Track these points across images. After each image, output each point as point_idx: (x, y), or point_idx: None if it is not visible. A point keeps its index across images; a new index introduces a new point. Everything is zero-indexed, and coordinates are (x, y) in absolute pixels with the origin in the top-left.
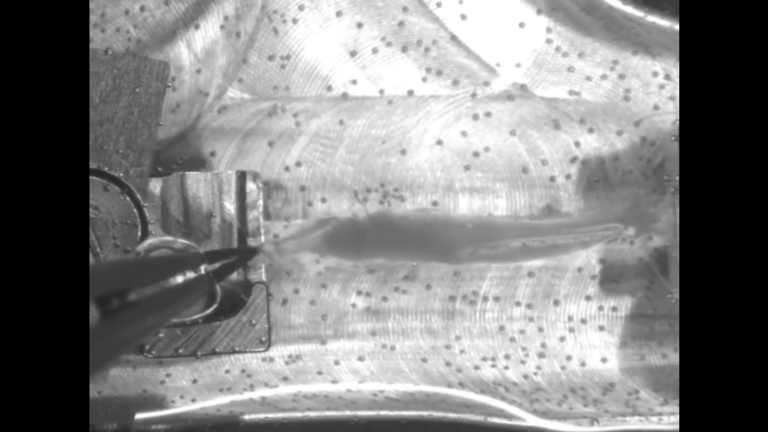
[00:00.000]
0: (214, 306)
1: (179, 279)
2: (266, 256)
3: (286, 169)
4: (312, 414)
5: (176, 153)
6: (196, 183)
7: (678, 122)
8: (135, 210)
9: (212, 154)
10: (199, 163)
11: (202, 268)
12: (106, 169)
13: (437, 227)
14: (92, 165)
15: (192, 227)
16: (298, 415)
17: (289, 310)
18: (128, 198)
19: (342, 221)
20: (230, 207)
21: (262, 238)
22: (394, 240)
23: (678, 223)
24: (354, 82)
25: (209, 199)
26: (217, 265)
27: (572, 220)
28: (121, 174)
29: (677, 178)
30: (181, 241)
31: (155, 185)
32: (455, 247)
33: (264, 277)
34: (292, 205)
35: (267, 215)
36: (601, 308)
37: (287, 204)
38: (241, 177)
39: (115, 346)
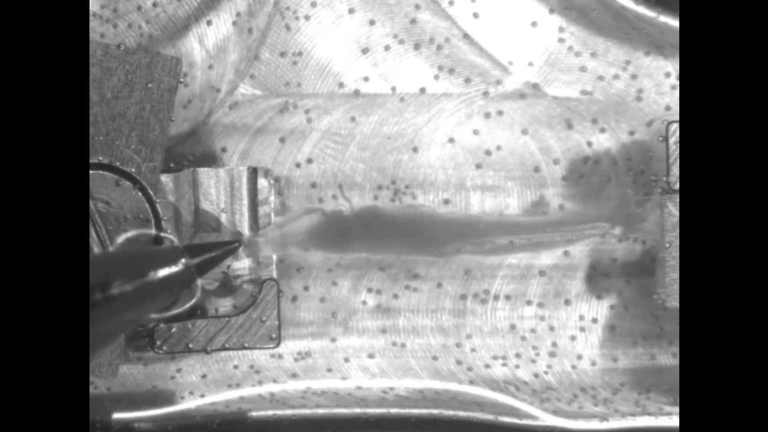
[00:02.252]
0: (193, 301)
1: (160, 273)
2: (252, 249)
3: (297, 165)
4: (321, 411)
5: (187, 149)
6: (207, 179)
7: (666, 122)
8: (147, 205)
9: (223, 150)
10: (210, 159)
11: (182, 262)
12: (117, 164)
13: (424, 223)
14: (104, 160)
15: (201, 223)
16: (307, 411)
17: (299, 307)
18: (140, 193)
19: (328, 215)
20: (241, 203)
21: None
22: (380, 234)
23: (664, 223)
24: (366, 79)
25: (220, 195)
26: (197, 260)
27: (559, 218)
28: (133, 169)
29: (664, 178)
30: (158, 234)
31: (167, 181)
32: (441, 243)
33: (275, 274)
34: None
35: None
36: (612, 307)
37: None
38: (253, 173)
39: (98, 339)
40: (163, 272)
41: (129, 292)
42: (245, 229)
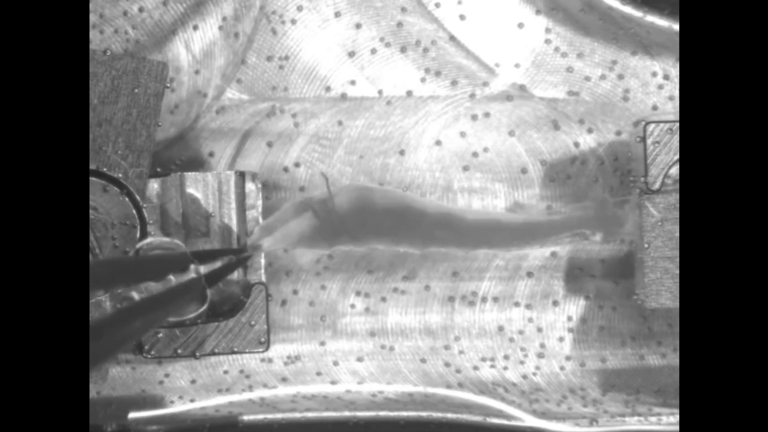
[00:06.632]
0: (203, 308)
1: (170, 279)
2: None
3: (285, 170)
4: (311, 414)
5: (175, 154)
6: (195, 183)
7: (644, 123)
8: (134, 211)
9: (210, 154)
10: (198, 163)
11: (192, 269)
12: (104, 170)
13: (411, 219)
14: (91, 166)
15: (190, 227)
16: (297, 415)
17: (288, 311)
18: (127, 199)
19: (316, 209)
20: (229, 207)
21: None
22: (368, 226)
23: (642, 224)
24: (353, 82)
25: (208, 200)
26: (204, 268)
27: (540, 224)
28: (120, 175)
29: (642, 179)
30: (178, 242)
31: (154, 186)
32: (426, 240)
33: (264, 278)
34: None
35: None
36: (600, 308)
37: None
38: (240, 177)
39: (110, 346)
40: (174, 280)
41: (140, 301)
42: (240, 235)
